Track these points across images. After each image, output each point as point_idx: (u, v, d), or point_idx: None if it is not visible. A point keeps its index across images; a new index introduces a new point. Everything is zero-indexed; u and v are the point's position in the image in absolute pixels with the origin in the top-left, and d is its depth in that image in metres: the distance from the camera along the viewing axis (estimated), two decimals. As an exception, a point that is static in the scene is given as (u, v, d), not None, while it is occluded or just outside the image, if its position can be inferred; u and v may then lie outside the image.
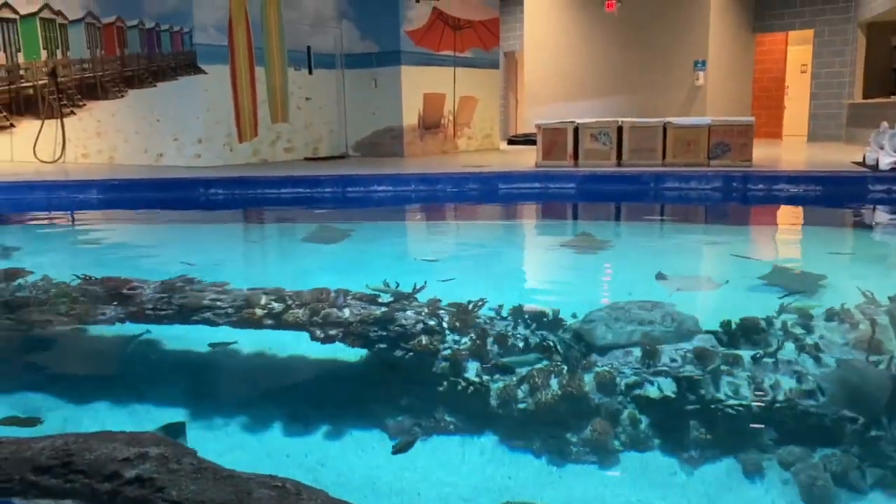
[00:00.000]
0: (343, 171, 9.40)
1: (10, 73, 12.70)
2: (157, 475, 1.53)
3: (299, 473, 2.16)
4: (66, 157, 11.98)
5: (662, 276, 4.30)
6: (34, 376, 3.10)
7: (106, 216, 8.43)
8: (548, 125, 9.97)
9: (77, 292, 4.12)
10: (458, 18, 13.41)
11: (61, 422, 2.80)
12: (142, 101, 11.15)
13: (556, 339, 3.18)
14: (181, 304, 3.83)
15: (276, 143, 11.67)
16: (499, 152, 13.63)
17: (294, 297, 3.95)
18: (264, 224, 8.25)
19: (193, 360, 3.45)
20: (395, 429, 2.85)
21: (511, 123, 18.86)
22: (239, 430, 2.85)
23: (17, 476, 1.55)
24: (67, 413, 2.87)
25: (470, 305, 3.60)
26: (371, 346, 3.31)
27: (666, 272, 4.32)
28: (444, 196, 8.79)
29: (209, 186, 8.70)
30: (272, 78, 11.47)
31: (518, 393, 2.87)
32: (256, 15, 11.11)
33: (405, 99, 12.36)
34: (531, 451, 2.64)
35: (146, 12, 10.79)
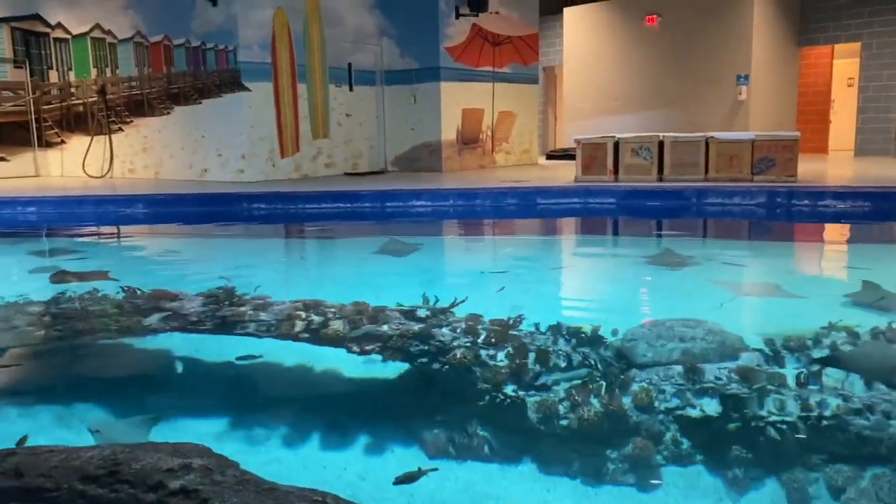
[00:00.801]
0: (382, 186, 9.47)
1: (62, 90, 13.11)
2: (202, 486, 1.55)
3: (338, 487, 2.17)
4: (113, 172, 12.29)
5: (725, 283, 4.24)
6: (80, 386, 3.16)
7: (151, 230, 8.61)
8: (587, 140, 9.92)
9: (122, 304, 4.22)
10: (497, 34, 13.46)
11: (106, 431, 2.85)
12: (187, 118, 11.40)
13: (596, 357, 3.15)
14: (224, 316, 3.90)
15: (316, 159, 11.82)
16: (537, 167, 13.60)
17: (334, 310, 3.99)
18: (303, 238, 8.34)
19: (235, 372, 3.48)
20: (432, 444, 2.84)
21: (550, 138, 18.81)
22: (278, 442, 2.87)
23: (66, 485, 1.59)
24: (112, 423, 2.92)
25: (510, 321, 3.59)
26: (409, 361, 3.32)
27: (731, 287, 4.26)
28: (482, 211, 8.79)
29: (252, 201, 8.84)
30: (314, 95, 11.64)
31: (557, 409, 2.84)
32: (299, 33, 11.31)
33: (444, 114, 12.43)
34: (569, 468, 2.61)
35: (192, 31, 11.05)
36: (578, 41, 16.04)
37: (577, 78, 16.14)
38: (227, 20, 10.59)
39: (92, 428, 2.62)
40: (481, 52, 13.16)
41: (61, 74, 13.08)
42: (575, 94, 16.18)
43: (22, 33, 12.94)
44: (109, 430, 2.71)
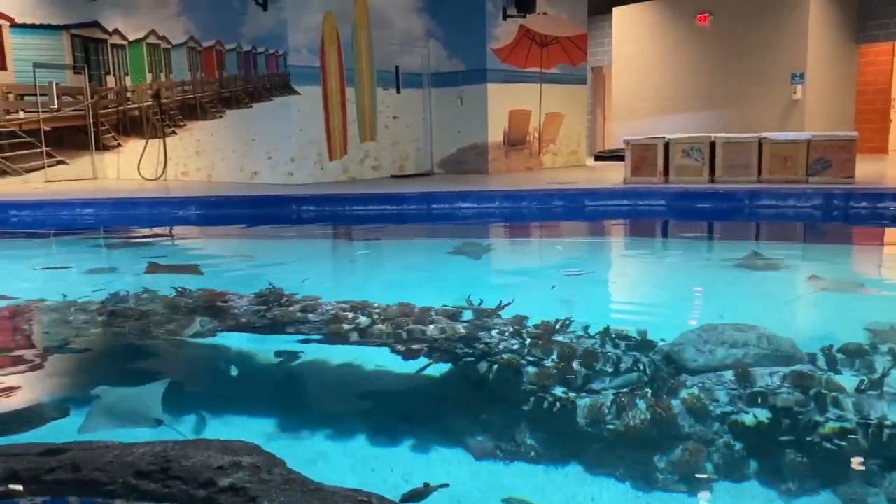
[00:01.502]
0: (428, 188, 9.50)
1: (119, 95, 13.49)
2: (250, 484, 1.57)
3: (383, 488, 2.17)
4: (167, 174, 12.59)
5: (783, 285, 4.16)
6: (132, 383, 3.23)
7: (203, 231, 8.79)
8: (637, 141, 9.80)
9: (175, 304, 4.32)
10: (544, 35, 13.38)
11: (156, 429, 2.91)
12: (238, 122, 11.61)
13: (645, 361, 3.11)
14: (273, 316, 3.96)
15: (364, 161, 11.92)
16: (585, 169, 13.48)
17: (379, 311, 4.02)
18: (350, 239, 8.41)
19: (283, 372, 3.53)
20: (478, 447, 2.84)
21: (598, 139, 18.63)
22: (325, 441, 2.89)
23: (120, 479, 1.63)
24: (164, 420, 2.97)
25: (557, 324, 3.57)
26: (455, 362, 3.32)
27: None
28: (529, 213, 8.75)
29: (301, 203, 8.96)
30: (362, 98, 11.74)
31: (604, 414, 2.81)
32: (347, 36, 11.42)
33: (490, 116, 12.41)
34: (615, 473, 2.57)
35: (244, 36, 11.25)
36: (628, 41, 15.85)
37: (626, 78, 15.95)
38: (278, 25, 10.76)
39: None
40: (529, 53, 13.10)
41: (118, 79, 13.46)
42: (624, 94, 16.00)
43: (81, 40, 13.36)
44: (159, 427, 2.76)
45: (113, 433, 2.61)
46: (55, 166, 13.01)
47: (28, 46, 12.70)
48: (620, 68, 16.09)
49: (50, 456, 1.79)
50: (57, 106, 12.92)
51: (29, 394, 3.24)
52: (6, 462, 1.79)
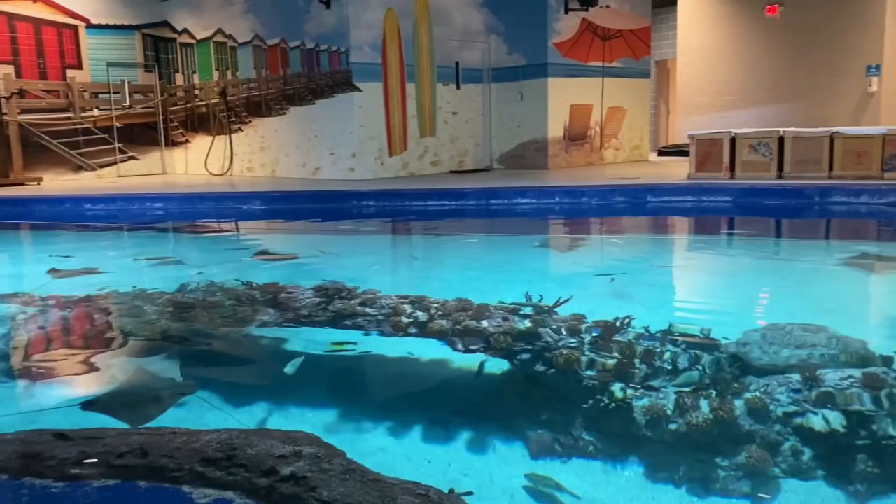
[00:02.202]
0: (487, 184, 9.49)
1: (187, 93, 13.88)
2: (310, 474, 1.60)
3: (441, 481, 2.19)
4: (233, 170, 12.90)
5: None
6: (200, 373, 3.33)
7: (268, 226, 8.98)
8: (702, 136, 9.57)
9: (240, 296, 4.43)
10: (607, 28, 13.20)
11: (223, 417, 2.99)
12: (301, 118, 11.81)
13: (708, 361, 3.05)
14: (335, 310, 4.02)
15: (423, 157, 11.98)
16: (648, 164, 13.25)
17: (437, 306, 4.04)
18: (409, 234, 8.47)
19: (343, 364, 3.58)
20: (537, 443, 2.83)
21: (661, 134, 18.29)
22: (384, 433, 2.92)
23: (187, 466, 1.68)
24: (228, 409, 3.05)
25: (617, 322, 3.53)
26: (512, 359, 3.31)
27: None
28: (589, 209, 8.65)
29: (361, 198, 9.07)
30: (422, 94, 11.80)
31: (665, 414, 2.76)
32: (408, 32, 11.49)
33: (551, 111, 12.31)
34: (676, 474, 2.53)
35: (307, 33, 11.43)
36: (693, 33, 15.50)
37: (691, 71, 15.60)
38: (340, 22, 10.90)
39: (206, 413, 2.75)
40: (591, 47, 12.94)
41: (186, 77, 13.85)
42: (689, 88, 15.65)
43: (152, 39, 13.79)
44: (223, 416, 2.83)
45: (178, 419, 2.69)
46: (127, 162, 13.48)
47: (102, 46, 13.18)
48: (685, 61, 15.74)
49: (120, 441, 1.86)
50: (129, 103, 13.38)
51: (99, 381, 3.36)
52: (80, 445, 1.87)
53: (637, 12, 13.76)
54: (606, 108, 13.35)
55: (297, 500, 1.55)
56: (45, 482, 1.76)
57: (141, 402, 2.88)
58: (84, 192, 10.16)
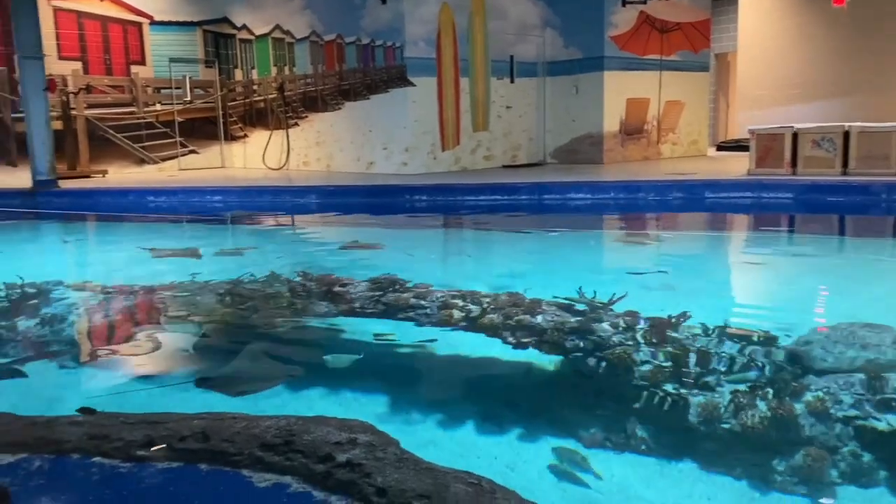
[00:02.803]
0: (540, 179, 9.44)
1: (246, 88, 14.15)
2: (366, 461, 1.64)
3: (489, 474, 2.20)
4: (289, 164, 13.11)
5: None
6: (255, 361, 3.39)
7: (323, 219, 9.11)
8: (763, 130, 9.34)
9: (296, 288, 4.52)
10: (665, 21, 12.97)
11: (279, 404, 3.05)
12: (356, 113, 11.93)
13: (766, 360, 2.99)
14: (387, 302, 4.07)
15: (476, 152, 11.97)
16: (706, 159, 12.99)
17: (489, 300, 4.05)
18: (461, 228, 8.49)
19: (394, 356, 3.62)
20: (589, 440, 2.81)
21: (720, 129, 17.89)
22: (433, 426, 2.94)
23: (247, 451, 1.73)
24: (284, 396, 3.12)
25: (672, 319, 3.48)
26: (565, 354, 3.30)
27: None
28: (646, 205, 8.53)
29: (414, 193, 9.12)
30: (475, 88, 11.79)
31: (721, 412, 2.72)
32: (463, 27, 11.49)
33: (607, 105, 12.16)
34: (733, 473, 2.49)
35: (363, 29, 11.54)
36: (755, 25, 15.11)
37: (752, 64, 15.22)
38: (395, 17, 10.96)
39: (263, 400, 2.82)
40: (648, 40, 12.73)
41: (245, 73, 14.12)
42: (750, 81, 15.27)
43: (213, 35, 14.10)
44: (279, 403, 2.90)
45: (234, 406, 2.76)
46: (187, 155, 13.82)
47: (165, 42, 13.54)
48: (746, 54, 15.36)
49: (183, 424, 1.93)
50: (190, 98, 13.71)
51: (161, 367, 3.47)
52: (144, 429, 1.94)
53: (697, 4, 13.48)
54: (664, 101, 13.13)
55: (353, 486, 1.58)
56: (112, 462, 1.83)
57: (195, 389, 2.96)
58: (148, 185, 10.47)
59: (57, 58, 12.13)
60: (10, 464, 1.86)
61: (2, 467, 1.83)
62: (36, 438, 1.93)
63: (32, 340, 3.78)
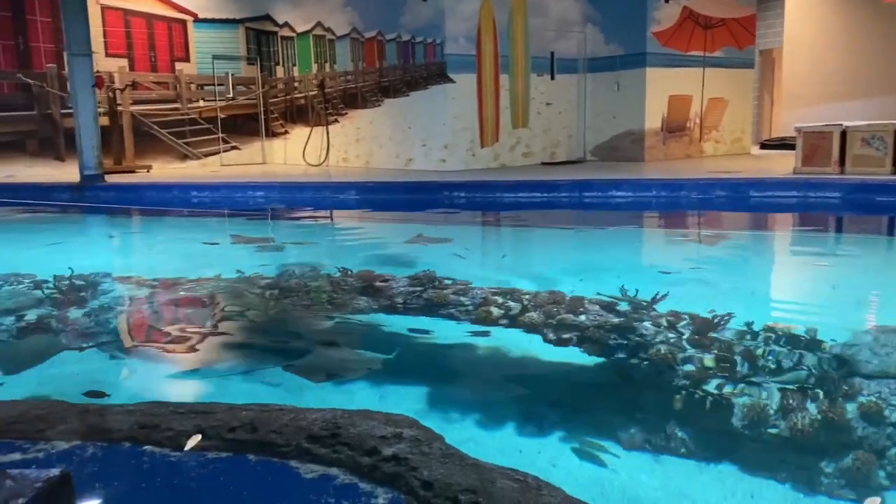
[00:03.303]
0: (581, 176, 9.37)
1: (287, 85, 14.30)
2: (411, 455, 1.65)
3: (531, 471, 2.19)
4: (329, 160, 13.23)
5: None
6: (299, 355, 3.44)
7: (361, 215, 9.17)
8: (810, 129, 9.14)
9: (337, 282, 4.56)
10: (709, 17, 12.77)
11: (322, 397, 3.09)
12: (395, 110, 11.98)
13: (812, 362, 2.93)
14: (427, 298, 4.09)
15: (515, 148, 11.93)
16: (750, 157, 12.77)
17: (530, 298, 4.04)
18: (499, 226, 8.47)
19: (434, 352, 3.63)
20: (628, 436, 2.80)
21: (765, 126, 17.56)
22: (473, 423, 2.95)
23: (294, 442, 1.76)
24: (326, 389, 3.15)
25: (716, 319, 3.44)
26: (606, 353, 3.28)
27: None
28: (688, 203, 8.42)
29: (453, 189, 9.13)
30: (515, 85, 11.75)
31: (765, 414, 2.68)
32: (504, 23, 11.45)
33: (649, 102, 12.02)
34: (777, 475, 2.45)
35: (403, 26, 11.57)
36: (802, 21, 14.79)
37: (798, 61, 14.90)
38: (436, 14, 10.97)
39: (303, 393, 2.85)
40: (692, 36, 12.55)
41: (286, 70, 14.27)
42: (795, 78, 14.96)
43: (255, 33, 14.28)
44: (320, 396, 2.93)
45: (278, 398, 2.81)
46: (229, 151, 14.02)
47: (208, 39, 13.75)
48: (792, 51, 15.05)
49: (231, 415, 1.96)
50: (232, 95, 13.91)
51: (208, 359, 3.54)
52: (194, 419, 1.98)
53: (741, 0, 13.25)
54: (707, 99, 12.93)
55: (399, 480, 1.60)
56: (163, 451, 1.88)
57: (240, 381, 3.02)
58: (191, 180, 10.65)
59: (104, 55, 12.40)
60: (65, 450, 1.92)
61: (58, 453, 1.89)
62: (89, 426, 1.98)
63: (90, 329, 3.89)
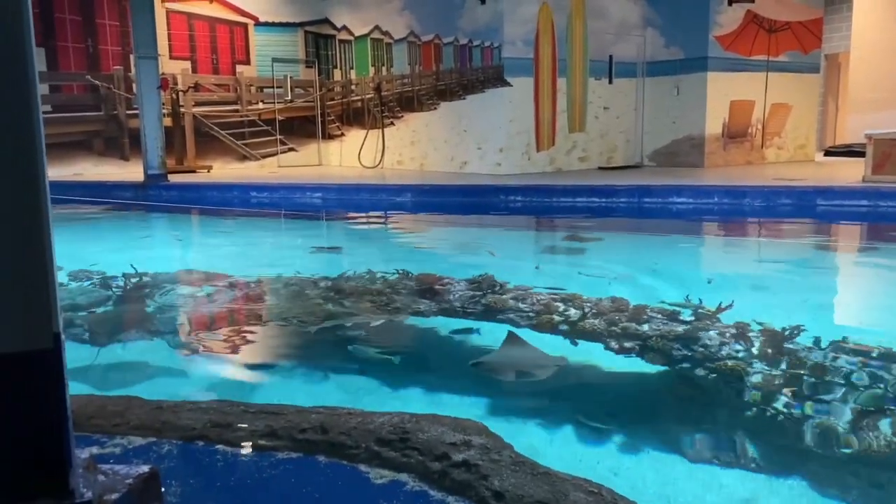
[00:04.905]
0: (640, 181, 9.23)
1: (344, 88, 14.47)
2: (481, 463, 1.63)
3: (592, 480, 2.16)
4: (384, 163, 13.32)
5: None
6: (356, 358, 3.46)
7: (416, 218, 9.21)
8: (881, 135, 8.82)
9: (395, 285, 4.57)
10: (774, 20, 12.45)
11: (377, 401, 3.10)
12: (451, 113, 12.00)
13: (889, 378, 2.82)
14: (487, 303, 4.07)
15: (571, 153, 11.83)
16: (814, 164, 12.41)
17: (590, 305, 3.99)
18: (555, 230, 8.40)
19: (493, 358, 3.60)
20: (693, 449, 2.73)
21: (829, 133, 17.05)
22: (534, 429, 2.92)
23: (363, 444, 1.76)
24: (384, 394, 3.16)
25: (784, 331, 3.34)
26: (670, 363, 3.22)
27: None
28: (751, 211, 8.21)
29: (509, 193, 9.09)
30: (573, 88, 11.66)
31: (836, 430, 2.59)
32: (562, 27, 11.37)
33: (709, 107, 11.79)
34: (848, 494, 2.36)
35: (461, 29, 11.59)
36: (870, 24, 14.32)
37: (866, 65, 14.42)
38: (494, 18, 10.96)
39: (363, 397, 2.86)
40: (755, 40, 12.27)
41: (343, 73, 14.43)
42: (862, 83, 14.48)
43: (313, 36, 14.48)
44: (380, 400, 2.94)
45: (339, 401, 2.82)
46: (287, 153, 14.25)
47: (268, 43, 14.01)
48: (860, 55, 14.57)
49: (301, 417, 1.98)
50: (290, 97, 14.13)
51: (273, 359, 3.59)
52: (265, 419, 2.01)
53: (808, 2, 12.89)
54: (770, 104, 12.62)
55: (469, 488, 1.58)
56: (235, 450, 1.91)
57: (300, 383, 3.04)
58: (251, 180, 10.85)
59: (168, 57, 12.73)
60: (141, 446, 1.96)
61: (134, 449, 1.94)
62: (163, 423, 2.02)
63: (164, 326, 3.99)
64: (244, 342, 3.73)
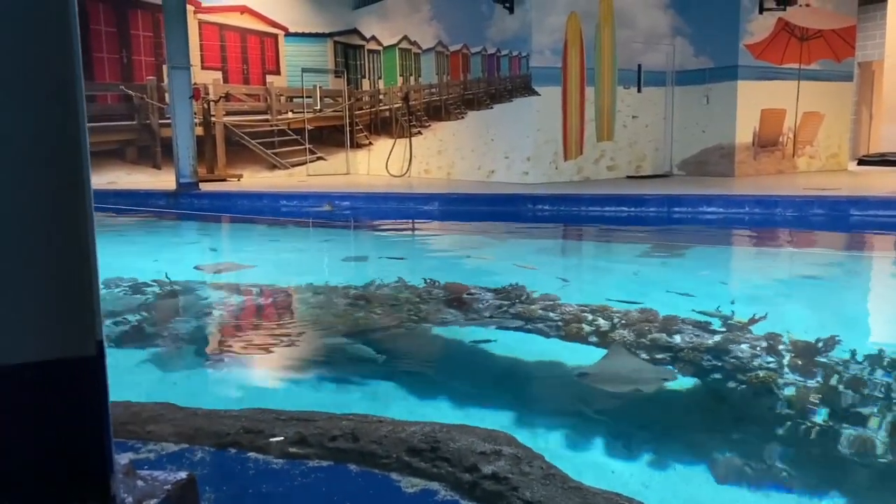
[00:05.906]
0: (669, 191, 9.16)
1: (372, 97, 14.57)
2: (512, 475, 1.63)
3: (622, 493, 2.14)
4: (411, 172, 13.38)
5: None
6: (384, 367, 3.47)
7: (443, 226, 9.22)
8: (915, 145, 8.67)
9: (422, 294, 4.59)
10: (806, 28, 12.32)
11: (407, 409, 3.10)
12: (479, 122, 12.02)
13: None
14: (515, 313, 4.07)
15: (599, 162, 11.79)
16: (846, 174, 12.22)
17: (619, 315, 3.96)
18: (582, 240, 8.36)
19: (522, 368, 3.60)
20: (723, 464, 2.70)
21: (862, 142, 16.79)
22: (561, 440, 2.90)
23: (394, 454, 1.77)
24: (410, 403, 3.16)
25: (819, 344, 3.29)
26: (701, 375, 3.18)
27: None
28: (783, 221, 8.10)
29: (537, 202, 9.07)
30: (601, 97, 11.62)
31: (873, 446, 2.54)
32: (590, 36, 11.35)
33: (740, 115, 11.68)
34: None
35: (489, 39, 11.62)
36: (905, 32, 14.10)
37: (901, 73, 14.20)
38: (523, 27, 10.97)
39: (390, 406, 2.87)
40: (786, 49, 12.13)
41: (372, 83, 14.54)
42: (898, 91, 14.25)
43: (342, 46, 14.62)
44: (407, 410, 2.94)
45: (368, 409, 2.83)
46: (315, 162, 14.38)
47: (298, 53, 14.17)
48: (894, 63, 14.35)
49: (332, 424, 1.99)
50: (319, 107, 14.26)
51: (294, 367, 3.61)
52: (296, 426, 2.02)
53: (841, 10, 12.72)
54: (801, 113, 12.46)
55: (500, 499, 1.58)
56: (267, 457, 1.92)
57: (330, 391, 3.05)
58: (281, 189, 10.95)
59: (200, 67, 12.93)
60: (174, 453, 1.98)
61: (168, 455, 1.96)
62: (196, 429, 2.05)
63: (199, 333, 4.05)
64: (274, 349, 3.76)
